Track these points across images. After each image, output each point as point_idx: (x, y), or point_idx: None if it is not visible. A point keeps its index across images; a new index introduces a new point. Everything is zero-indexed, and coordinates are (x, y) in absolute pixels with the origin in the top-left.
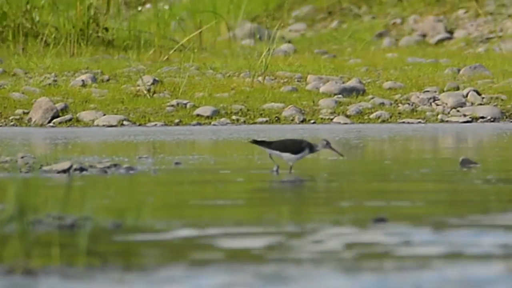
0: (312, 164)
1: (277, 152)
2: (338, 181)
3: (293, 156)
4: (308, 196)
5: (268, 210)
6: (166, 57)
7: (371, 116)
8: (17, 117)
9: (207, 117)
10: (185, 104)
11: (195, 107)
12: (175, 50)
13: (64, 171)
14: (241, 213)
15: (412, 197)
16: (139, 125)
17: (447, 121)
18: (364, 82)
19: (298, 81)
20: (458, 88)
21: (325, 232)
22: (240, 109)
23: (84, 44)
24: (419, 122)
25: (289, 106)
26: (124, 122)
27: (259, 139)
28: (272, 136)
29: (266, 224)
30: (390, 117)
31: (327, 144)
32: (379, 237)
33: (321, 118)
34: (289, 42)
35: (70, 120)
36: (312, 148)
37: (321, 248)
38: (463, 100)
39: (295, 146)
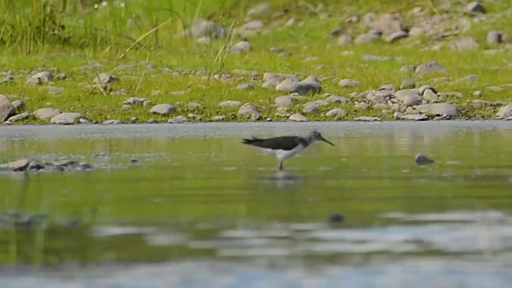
0: (269, 161)
1: (270, 150)
2: (295, 179)
3: (286, 152)
4: (264, 194)
5: (225, 207)
6: (122, 55)
7: (327, 114)
8: None
9: (164, 114)
10: (142, 102)
11: (151, 105)
12: (131, 48)
13: (21, 168)
14: (198, 210)
15: (368, 195)
16: (96, 122)
17: (403, 118)
18: (320, 80)
19: (254, 79)
20: (414, 86)
21: (276, 229)
22: (197, 107)
23: (41, 42)
24: (375, 119)
25: (245, 104)
26: (81, 120)
27: (250, 138)
28: (228, 134)
29: (221, 221)
30: (346, 114)
31: (319, 135)
32: (331, 234)
33: (277, 116)
34: (245, 40)
35: (26, 117)
36: (305, 142)
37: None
38: (419, 98)
39: (288, 143)
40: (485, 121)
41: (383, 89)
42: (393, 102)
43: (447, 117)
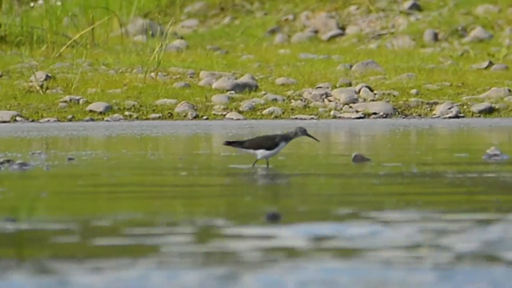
0: (207, 159)
1: (251, 151)
2: (233, 176)
3: (267, 152)
4: (200, 190)
5: (163, 203)
6: (58, 53)
7: (263, 112)
8: None
9: (100, 113)
10: (78, 100)
11: (88, 103)
12: (67, 46)
13: None
14: (135, 206)
15: (305, 193)
16: (32, 121)
17: (339, 117)
18: (256, 78)
19: (190, 77)
20: (350, 84)
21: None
22: (133, 105)
23: None
24: (312, 118)
25: (182, 102)
26: (17, 118)
27: (231, 140)
28: (165, 132)
29: (160, 217)
30: (283, 113)
31: (304, 131)
32: (263, 231)
33: (214, 114)
34: (181, 38)
35: None
36: (286, 138)
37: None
38: (356, 96)
39: (269, 143)
40: (422, 119)
41: (320, 87)
42: (330, 101)
43: (384, 116)
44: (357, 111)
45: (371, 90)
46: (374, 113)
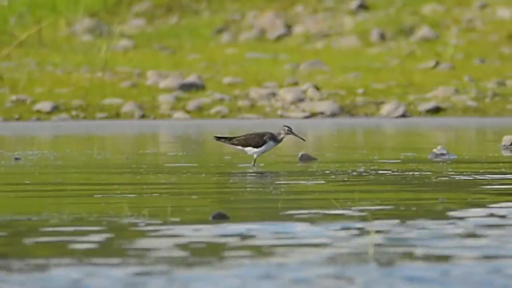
0: (154, 159)
1: (239, 148)
2: (180, 175)
3: (256, 150)
4: (146, 190)
5: (107, 202)
6: (6, 53)
7: (210, 112)
8: None
9: (47, 112)
10: (25, 99)
11: (35, 102)
12: (14, 46)
13: None
14: (81, 207)
15: (253, 192)
16: None
17: (286, 116)
18: (203, 77)
19: (137, 76)
20: (297, 84)
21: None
22: (80, 105)
23: None
24: (259, 117)
25: (129, 102)
26: None
27: (220, 136)
28: (112, 132)
29: (104, 217)
30: (230, 112)
31: (289, 130)
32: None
33: (161, 114)
34: (128, 37)
35: None
36: (275, 138)
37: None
38: (302, 95)
39: (257, 140)
40: (369, 118)
41: (267, 86)
42: (277, 100)
43: (330, 115)
44: (304, 111)
45: (318, 90)
46: (321, 113)
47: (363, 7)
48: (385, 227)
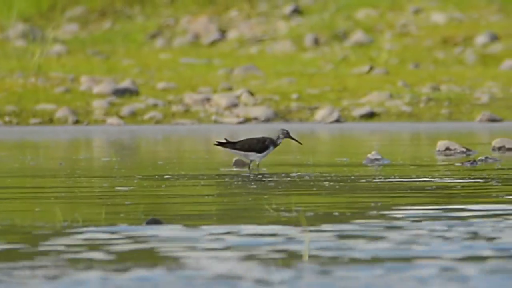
0: (88, 164)
1: (242, 153)
2: (113, 180)
3: (258, 154)
4: (79, 196)
5: (39, 206)
6: None
7: (144, 117)
8: None
9: None
10: None
11: None
12: None
13: None
14: (12, 209)
15: (188, 198)
16: None
17: (221, 122)
18: (137, 83)
19: (71, 82)
20: (231, 89)
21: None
22: (13, 110)
23: None
24: (193, 123)
25: (62, 107)
26: None
27: (222, 141)
28: (45, 138)
29: (36, 223)
30: (164, 117)
31: (287, 134)
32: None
33: (95, 119)
34: (62, 43)
35: None
36: (274, 143)
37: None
38: (236, 101)
39: (260, 145)
40: (303, 124)
41: (201, 92)
42: (211, 105)
43: (265, 120)
44: (238, 116)
45: (252, 95)
46: (255, 118)
47: (297, 12)
48: (320, 231)
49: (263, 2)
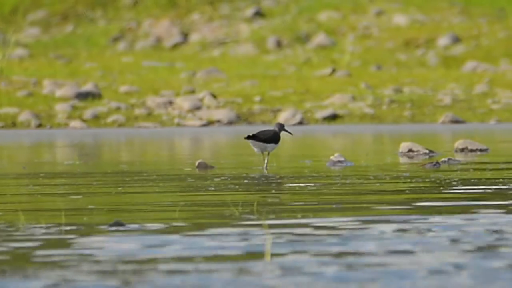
0: (52, 167)
1: (267, 145)
2: (74, 184)
3: (275, 145)
4: (42, 200)
5: (5, 211)
6: None
7: (107, 121)
8: None
9: None
10: None
11: None
12: None
13: None
14: None
15: (149, 201)
16: None
17: (183, 124)
18: (100, 86)
19: (33, 85)
20: (194, 92)
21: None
22: None
23: None
24: (156, 126)
25: (25, 111)
26: None
27: (250, 135)
28: (8, 141)
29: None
30: (127, 121)
31: (283, 127)
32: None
33: (58, 123)
34: (24, 46)
35: None
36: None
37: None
38: (199, 103)
39: (276, 136)
40: (266, 126)
41: (163, 95)
42: (173, 108)
43: (228, 123)
44: (201, 119)
45: (215, 98)
46: (218, 121)
47: (259, 14)
48: (284, 234)
49: (225, 5)
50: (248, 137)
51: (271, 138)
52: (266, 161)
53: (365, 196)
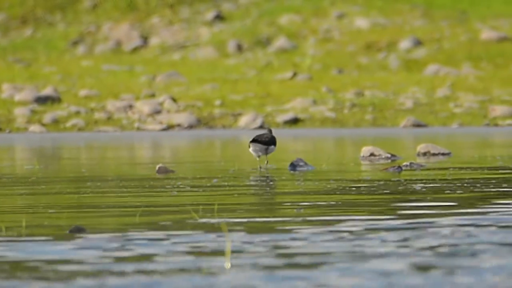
0: (12, 170)
1: (269, 147)
2: (34, 189)
3: (275, 147)
4: (3, 202)
5: None
6: None
7: (67, 125)
8: None
9: None
10: None
11: None
12: None
13: None
14: None
15: (109, 205)
16: None
17: (143, 129)
18: (59, 90)
19: None
20: (154, 96)
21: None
22: None
23: None
24: (116, 130)
25: None
26: None
27: (254, 139)
28: None
29: None
30: (86, 125)
31: (270, 130)
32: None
33: (17, 127)
34: None
35: None
36: None
37: None
38: (159, 107)
39: (274, 139)
40: (226, 130)
41: (123, 99)
42: (133, 112)
43: (188, 127)
44: (161, 123)
45: (175, 101)
46: (178, 125)
47: (219, 18)
48: (244, 239)
49: (185, 9)
50: (252, 141)
51: (271, 141)
52: (266, 162)
53: (324, 197)
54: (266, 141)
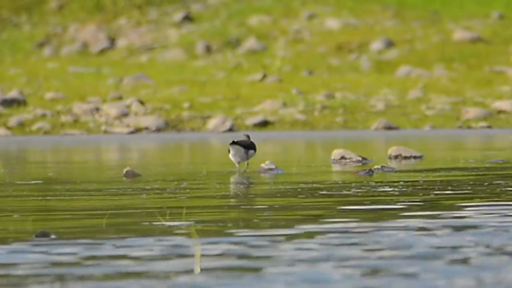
0: None
1: (250, 151)
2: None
3: (255, 153)
4: None
5: None
6: None
7: (32, 128)
8: None
9: None
10: None
11: None
12: None
13: None
14: None
15: (76, 209)
16: None
17: (110, 132)
18: (25, 92)
19: None
20: (121, 98)
21: None
22: None
23: None
24: (82, 133)
25: None
26: None
27: (234, 141)
28: None
29: None
30: (52, 128)
31: (248, 137)
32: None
33: None
34: None
35: None
36: None
37: None
38: (127, 110)
39: (254, 144)
40: (195, 133)
41: (90, 101)
42: (100, 115)
43: (156, 130)
44: (128, 126)
45: (143, 104)
46: (146, 128)
47: (187, 19)
48: (213, 243)
49: (153, 10)
50: (233, 143)
51: (251, 145)
52: (246, 166)
53: (294, 199)
54: (247, 145)
